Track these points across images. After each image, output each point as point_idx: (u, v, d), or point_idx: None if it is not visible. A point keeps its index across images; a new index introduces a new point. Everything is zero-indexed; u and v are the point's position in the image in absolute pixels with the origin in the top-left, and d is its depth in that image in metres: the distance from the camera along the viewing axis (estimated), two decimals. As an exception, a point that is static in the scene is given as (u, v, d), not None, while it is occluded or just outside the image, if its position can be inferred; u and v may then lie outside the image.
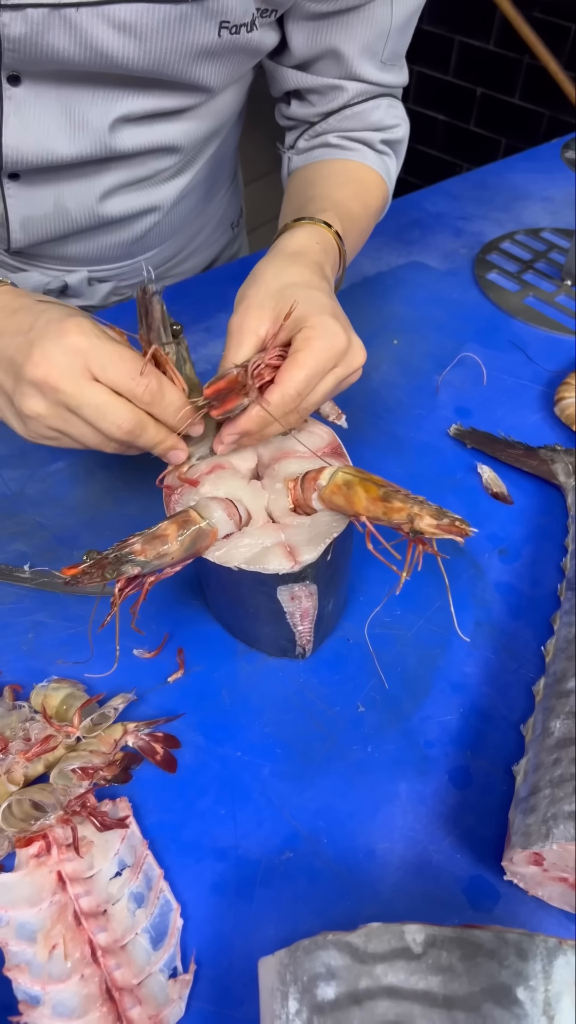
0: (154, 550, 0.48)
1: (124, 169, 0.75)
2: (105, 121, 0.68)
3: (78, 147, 0.69)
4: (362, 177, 0.76)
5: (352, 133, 0.77)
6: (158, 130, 0.72)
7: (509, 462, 0.73)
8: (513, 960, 0.37)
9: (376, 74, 0.74)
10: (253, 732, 0.55)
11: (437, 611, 0.62)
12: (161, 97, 0.69)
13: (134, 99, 0.68)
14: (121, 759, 0.53)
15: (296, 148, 0.81)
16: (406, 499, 0.49)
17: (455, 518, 0.48)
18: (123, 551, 0.48)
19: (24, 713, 0.54)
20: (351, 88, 0.75)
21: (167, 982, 0.44)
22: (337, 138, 0.77)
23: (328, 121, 0.77)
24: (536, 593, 0.64)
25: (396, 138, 0.80)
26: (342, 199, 0.71)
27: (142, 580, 0.49)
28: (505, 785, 0.53)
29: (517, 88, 2.11)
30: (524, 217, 1.08)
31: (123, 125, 0.70)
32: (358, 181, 0.76)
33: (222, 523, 0.51)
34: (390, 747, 0.55)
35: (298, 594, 0.52)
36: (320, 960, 0.38)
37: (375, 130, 0.78)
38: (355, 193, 0.73)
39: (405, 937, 0.38)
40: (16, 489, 0.70)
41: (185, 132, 0.74)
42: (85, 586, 0.47)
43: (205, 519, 0.50)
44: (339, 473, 0.51)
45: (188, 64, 0.66)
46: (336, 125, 0.77)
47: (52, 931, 0.45)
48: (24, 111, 0.66)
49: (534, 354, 0.86)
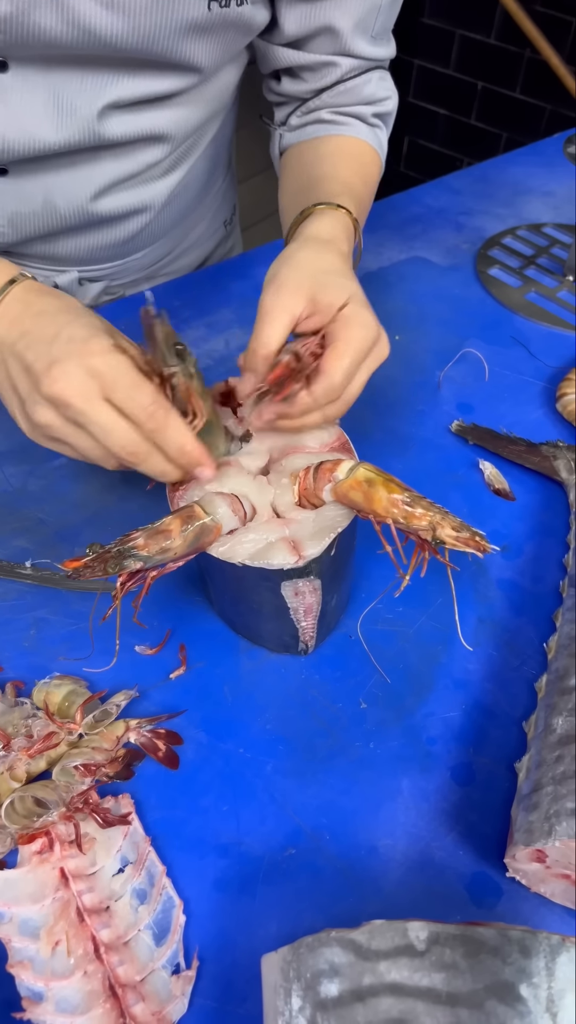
0: (157, 545, 0.48)
1: (114, 162, 0.74)
2: (94, 108, 0.68)
3: (66, 134, 0.68)
4: (360, 153, 0.77)
5: (345, 108, 0.78)
6: (148, 117, 0.72)
7: (511, 458, 0.73)
8: (516, 957, 0.37)
9: (368, 49, 0.75)
10: (255, 729, 0.55)
11: (439, 608, 0.62)
12: (151, 79, 0.68)
13: (123, 83, 0.68)
14: (123, 756, 0.53)
15: (288, 125, 0.81)
16: (430, 507, 0.49)
17: (476, 532, 0.49)
18: (126, 545, 0.47)
19: (26, 710, 0.54)
20: (344, 64, 0.75)
21: (170, 979, 0.44)
22: (330, 113, 0.78)
23: (321, 97, 0.78)
24: (538, 590, 0.64)
25: (387, 111, 0.80)
26: (348, 178, 0.71)
27: (144, 575, 0.48)
28: (507, 782, 0.53)
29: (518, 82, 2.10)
30: (526, 212, 1.08)
31: (112, 112, 0.69)
32: (357, 158, 0.76)
33: (226, 519, 0.51)
34: (392, 743, 0.55)
35: (302, 589, 0.52)
36: (323, 957, 0.38)
37: (367, 104, 0.78)
38: (357, 171, 0.74)
39: (408, 934, 0.38)
40: (18, 485, 0.70)
41: (175, 120, 0.74)
42: (87, 580, 0.47)
43: (209, 514, 0.50)
44: (360, 469, 0.51)
45: (178, 41, 0.65)
46: (329, 101, 0.78)
47: (55, 928, 0.45)
48: (11, 98, 0.65)
49: (536, 350, 0.86)
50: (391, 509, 0.49)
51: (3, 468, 0.71)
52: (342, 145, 0.77)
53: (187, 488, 0.54)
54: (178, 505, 0.53)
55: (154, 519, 0.50)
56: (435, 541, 0.48)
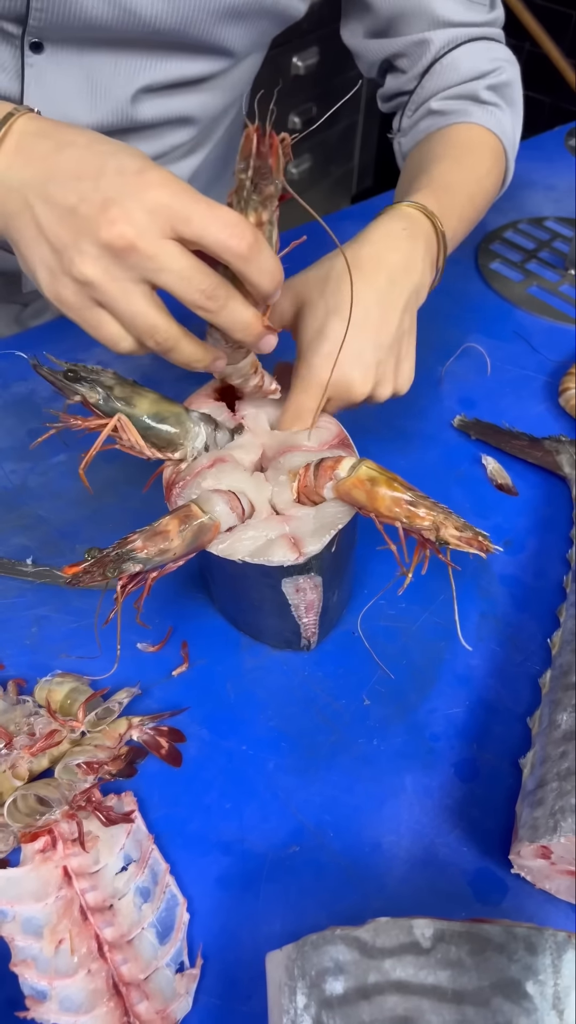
0: (155, 547, 0.48)
1: (141, 143, 0.74)
2: (128, 91, 0.67)
3: (99, 116, 0.68)
4: (467, 140, 0.69)
5: (451, 90, 0.70)
6: (178, 101, 0.71)
7: (514, 453, 0.73)
8: (522, 954, 0.37)
9: (462, 13, 0.69)
10: (258, 726, 0.55)
11: (442, 604, 0.62)
12: (184, 63, 0.68)
13: (156, 67, 0.67)
14: (126, 753, 0.53)
15: (402, 130, 0.75)
16: (433, 507, 0.49)
17: (479, 532, 0.48)
18: (124, 549, 0.47)
19: (28, 708, 0.54)
20: (437, 37, 0.69)
21: (174, 977, 0.44)
22: (438, 102, 0.71)
23: (423, 85, 0.71)
24: (541, 585, 0.64)
25: (501, 82, 0.72)
26: (442, 172, 0.64)
27: (144, 576, 0.48)
28: (511, 778, 0.53)
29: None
30: (527, 206, 1.07)
31: (145, 95, 0.69)
32: (461, 146, 0.68)
33: (224, 516, 0.50)
34: (396, 740, 0.55)
35: (303, 586, 0.51)
36: (328, 955, 0.38)
37: (474, 79, 0.71)
38: (457, 160, 0.66)
39: (414, 932, 0.38)
40: (18, 483, 0.70)
41: (203, 104, 0.74)
42: (87, 585, 0.46)
43: (207, 513, 0.50)
44: (363, 467, 0.51)
45: (214, 24, 0.65)
46: (431, 87, 0.71)
47: (58, 926, 0.45)
48: (46, 80, 0.65)
49: (538, 344, 0.85)
50: (394, 508, 0.49)
51: (3, 465, 0.71)
52: (449, 136, 0.69)
53: (184, 485, 0.53)
54: (176, 503, 0.52)
55: (155, 516, 0.50)
56: (438, 541, 0.48)
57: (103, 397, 0.51)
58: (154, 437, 0.53)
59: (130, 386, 0.52)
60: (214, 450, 0.55)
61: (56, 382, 0.51)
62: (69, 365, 0.51)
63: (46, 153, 0.44)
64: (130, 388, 0.52)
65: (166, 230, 0.42)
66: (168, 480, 0.54)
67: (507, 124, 0.72)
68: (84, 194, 0.42)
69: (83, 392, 0.51)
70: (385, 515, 0.49)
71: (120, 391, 0.52)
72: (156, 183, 0.42)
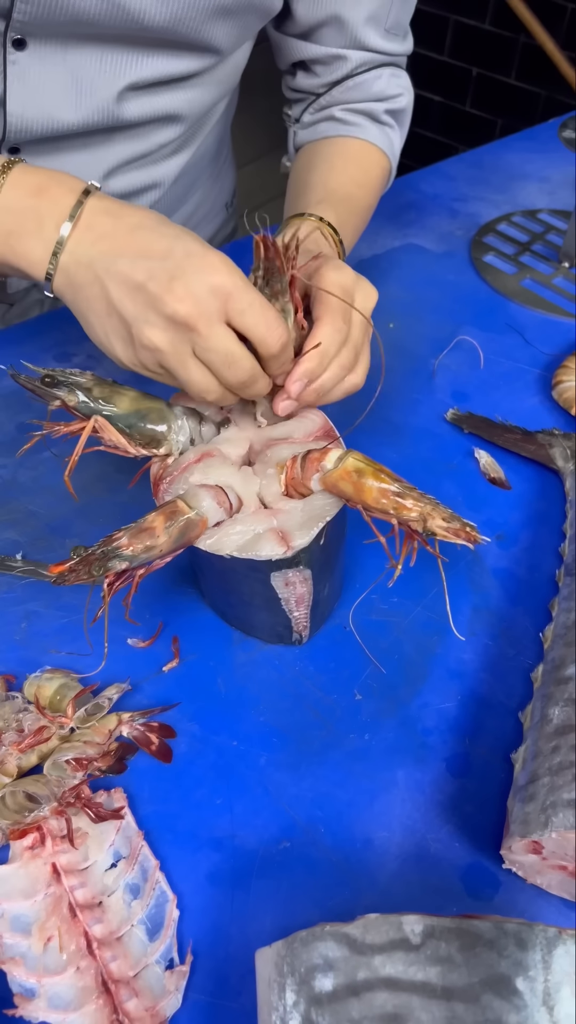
0: (141, 544, 0.47)
1: (128, 142, 0.73)
2: (113, 89, 0.67)
3: (84, 115, 0.68)
4: (362, 155, 0.76)
5: (356, 105, 0.77)
6: (165, 98, 0.71)
7: (507, 447, 0.73)
8: (512, 950, 0.37)
9: (380, 42, 0.74)
10: (249, 721, 0.55)
11: (434, 598, 0.62)
12: (170, 60, 0.68)
13: (143, 64, 0.67)
14: (116, 749, 0.52)
15: (302, 122, 0.80)
16: (420, 498, 0.48)
17: (466, 523, 0.48)
18: (110, 546, 0.47)
19: (17, 704, 0.54)
20: (354, 57, 0.74)
21: (163, 974, 0.44)
22: (342, 111, 0.77)
23: (332, 93, 0.77)
24: (534, 579, 0.63)
25: (399, 107, 0.79)
26: (338, 185, 0.71)
27: (132, 573, 0.48)
28: (503, 773, 0.53)
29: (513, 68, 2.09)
30: (521, 198, 1.07)
31: (130, 93, 0.69)
32: (357, 161, 0.75)
33: (211, 511, 0.50)
34: (388, 735, 0.54)
35: (292, 580, 0.51)
36: (318, 951, 0.38)
37: (378, 100, 0.77)
38: (352, 176, 0.73)
39: (403, 928, 0.38)
40: (8, 477, 0.69)
41: (190, 101, 0.74)
42: (73, 583, 0.46)
43: (193, 508, 0.49)
44: (350, 458, 0.50)
45: (204, 22, 0.65)
46: (340, 97, 0.77)
47: (47, 923, 0.45)
48: (29, 77, 0.64)
49: (532, 337, 0.85)
50: (381, 500, 0.49)
51: (-7, 460, 0.70)
52: (345, 148, 0.76)
53: (172, 481, 0.53)
54: (163, 499, 0.52)
55: (146, 509, 0.49)
56: (425, 532, 0.48)
57: (82, 400, 0.51)
58: (137, 434, 0.52)
59: (108, 386, 0.52)
60: (201, 444, 0.55)
61: (35, 389, 0.51)
62: (46, 371, 0.51)
63: (116, 232, 0.48)
64: (109, 388, 0.52)
65: (221, 314, 0.47)
66: (155, 476, 0.54)
67: (396, 144, 0.80)
68: (153, 272, 0.46)
69: (62, 396, 0.51)
70: (372, 506, 0.49)
71: (99, 392, 0.52)
72: (218, 268, 0.46)
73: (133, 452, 0.52)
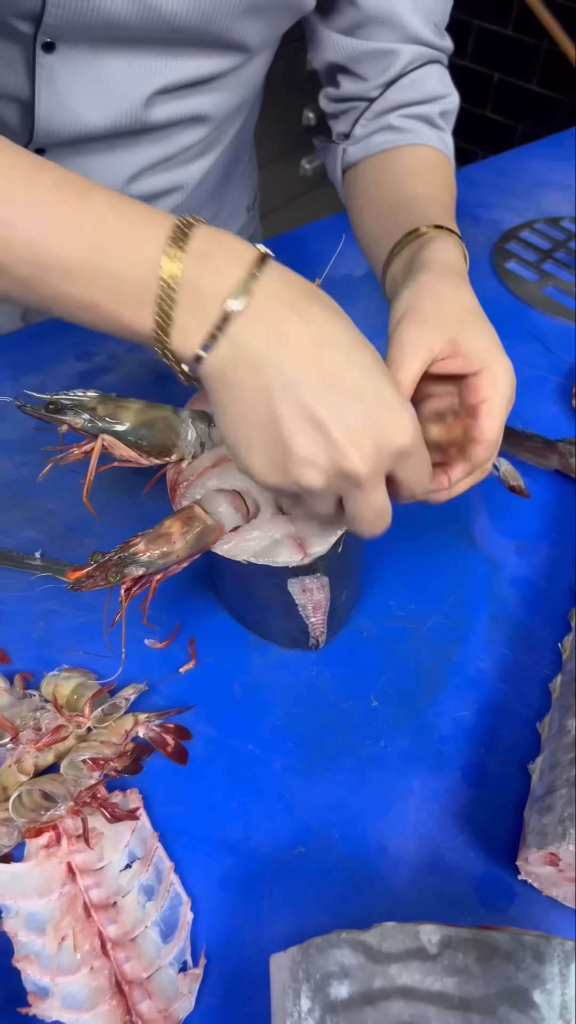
0: (158, 549, 0.47)
1: (153, 145, 0.73)
2: (142, 94, 0.67)
3: (111, 118, 0.67)
4: (439, 164, 0.71)
5: (412, 109, 0.72)
6: (192, 100, 0.71)
7: (527, 455, 0.72)
8: (530, 963, 0.37)
9: (428, 34, 0.70)
10: (265, 725, 0.55)
11: (452, 605, 0.62)
12: (199, 60, 0.67)
13: (171, 67, 0.66)
14: (132, 750, 0.52)
15: (352, 137, 0.74)
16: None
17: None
18: (127, 552, 0.47)
19: (34, 702, 0.54)
20: (407, 52, 0.70)
21: (177, 976, 0.44)
22: (399, 119, 0.71)
23: (386, 96, 0.71)
24: (553, 588, 0.63)
25: (451, 108, 0.74)
26: (441, 197, 0.65)
27: (149, 579, 0.48)
28: (519, 783, 0.52)
29: (535, 74, 2.08)
30: (544, 205, 1.06)
31: (158, 98, 0.68)
32: (437, 170, 0.70)
33: (228, 517, 0.50)
34: (403, 742, 0.54)
35: (309, 586, 0.51)
36: (333, 958, 0.38)
37: (433, 100, 0.73)
38: (443, 185, 0.68)
39: (420, 937, 0.38)
40: (28, 475, 0.69)
41: (216, 102, 0.73)
42: (90, 589, 0.46)
43: (210, 514, 0.49)
44: None
45: (234, 20, 0.64)
46: (395, 99, 0.71)
47: (61, 922, 0.45)
48: (57, 81, 0.64)
49: (553, 345, 0.85)
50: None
51: (12, 457, 0.71)
52: (422, 157, 0.70)
53: (189, 486, 0.53)
54: (180, 503, 0.52)
55: (165, 508, 0.49)
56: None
57: (88, 420, 0.51)
58: (147, 445, 0.52)
59: (112, 402, 0.52)
60: (216, 448, 0.55)
61: (42, 417, 0.51)
62: (50, 397, 0.51)
63: (300, 340, 0.40)
64: (113, 404, 0.52)
65: (391, 468, 0.43)
66: (172, 481, 0.54)
67: (451, 149, 0.75)
68: (341, 415, 0.40)
69: (68, 420, 0.51)
70: None
71: (103, 409, 0.51)
72: (407, 429, 0.42)
73: (145, 463, 0.52)
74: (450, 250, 0.57)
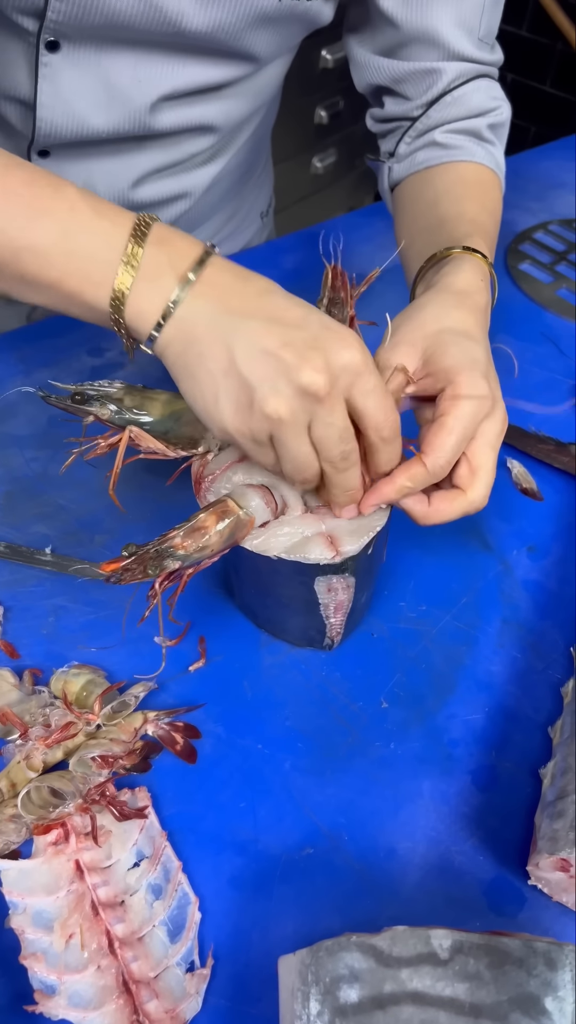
0: (195, 543, 0.47)
1: (159, 150, 0.72)
2: (147, 99, 0.66)
3: (115, 122, 0.67)
4: (481, 181, 0.70)
5: (457, 124, 0.71)
6: (199, 108, 0.70)
7: (539, 457, 0.72)
8: (542, 970, 0.37)
9: (474, 51, 0.69)
10: (274, 725, 0.55)
11: (463, 608, 0.61)
12: (206, 68, 0.67)
13: (178, 73, 0.66)
14: (141, 748, 0.52)
15: (397, 155, 0.74)
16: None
17: None
18: (164, 545, 0.47)
19: (44, 698, 0.54)
20: (450, 70, 0.69)
21: (184, 976, 0.44)
22: (443, 135, 0.71)
23: (429, 114, 0.71)
24: (565, 592, 0.63)
25: (500, 121, 0.73)
26: (476, 215, 0.65)
27: (181, 572, 0.48)
28: (530, 787, 0.52)
29: (549, 75, 2.07)
30: (558, 207, 1.06)
31: (164, 103, 0.68)
32: (478, 187, 0.69)
33: (259, 511, 0.50)
34: (413, 745, 0.54)
35: (335, 586, 0.51)
36: (343, 962, 0.37)
37: (479, 115, 0.72)
38: (482, 204, 0.68)
39: (431, 942, 0.38)
40: (38, 470, 0.69)
41: (224, 111, 0.72)
42: (128, 583, 0.46)
43: (243, 508, 0.49)
44: None
45: (244, 30, 0.63)
46: (439, 117, 0.71)
47: (69, 920, 0.45)
48: (60, 81, 0.64)
49: (566, 347, 0.84)
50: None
51: (23, 452, 0.70)
52: (462, 175, 0.70)
53: (214, 479, 0.53)
54: (205, 497, 0.52)
55: (175, 505, 0.49)
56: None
57: (115, 411, 0.51)
58: (174, 437, 0.52)
59: (139, 393, 0.52)
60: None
61: (67, 407, 0.51)
62: (76, 388, 0.51)
63: (244, 292, 0.46)
64: (140, 395, 0.52)
65: (347, 390, 0.45)
66: (196, 474, 0.54)
67: (502, 163, 0.74)
68: (288, 339, 0.44)
69: (94, 411, 0.51)
70: None
71: (130, 400, 0.51)
72: (353, 344, 0.45)
73: (172, 455, 0.52)
74: (462, 271, 0.57)
